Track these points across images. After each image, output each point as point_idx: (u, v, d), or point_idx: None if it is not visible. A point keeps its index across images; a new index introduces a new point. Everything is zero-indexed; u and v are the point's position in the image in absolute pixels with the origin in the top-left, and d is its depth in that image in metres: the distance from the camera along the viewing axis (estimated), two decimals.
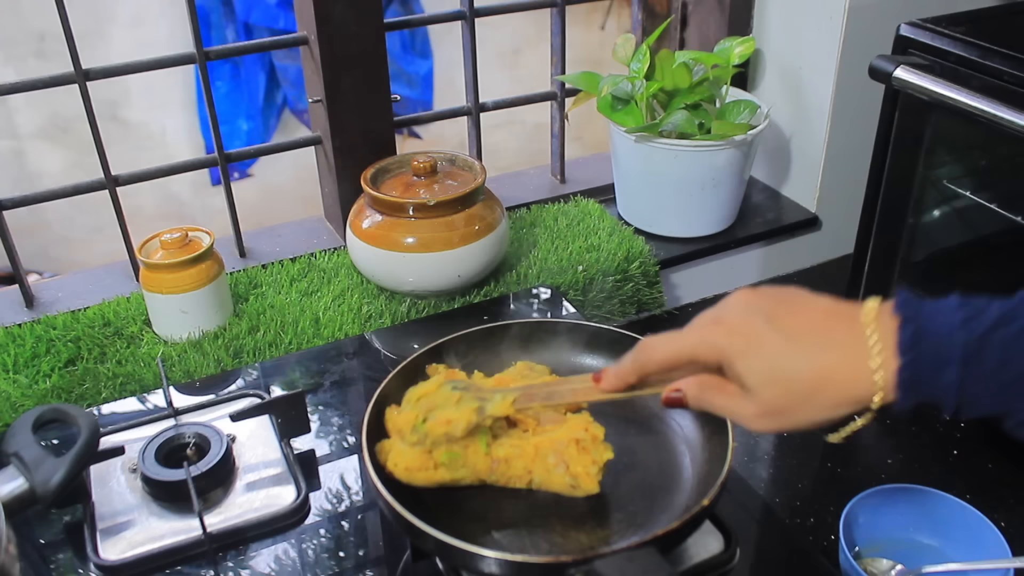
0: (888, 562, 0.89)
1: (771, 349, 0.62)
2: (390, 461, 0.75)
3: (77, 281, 1.26)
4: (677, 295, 1.41)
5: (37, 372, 1.05)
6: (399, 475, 0.75)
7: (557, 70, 1.41)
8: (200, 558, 0.81)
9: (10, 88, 1.08)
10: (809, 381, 0.61)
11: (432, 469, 0.75)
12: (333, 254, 1.28)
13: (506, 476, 0.76)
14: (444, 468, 0.75)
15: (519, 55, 3.95)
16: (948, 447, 1.07)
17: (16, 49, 3.29)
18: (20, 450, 0.75)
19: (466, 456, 0.75)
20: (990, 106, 0.93)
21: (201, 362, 1.07)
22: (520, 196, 1.45)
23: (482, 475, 0.76)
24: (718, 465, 0.73)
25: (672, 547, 0.71)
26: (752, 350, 0.62)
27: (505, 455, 0.75)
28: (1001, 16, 1.12)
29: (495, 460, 0.75)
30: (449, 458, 0.74)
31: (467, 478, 0.76)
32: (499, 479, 0.76)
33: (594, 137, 2.81)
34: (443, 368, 0.85)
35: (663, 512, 0.74)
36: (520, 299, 1.18)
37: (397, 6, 3.73)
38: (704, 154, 1.26)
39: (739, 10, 1.41)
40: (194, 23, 1.14)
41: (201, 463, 0.87)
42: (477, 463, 0.75)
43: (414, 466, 0.74)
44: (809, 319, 0.63)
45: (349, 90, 1.21)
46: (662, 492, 0.76)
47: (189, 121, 3.55)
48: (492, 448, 0.75)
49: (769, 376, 0.62)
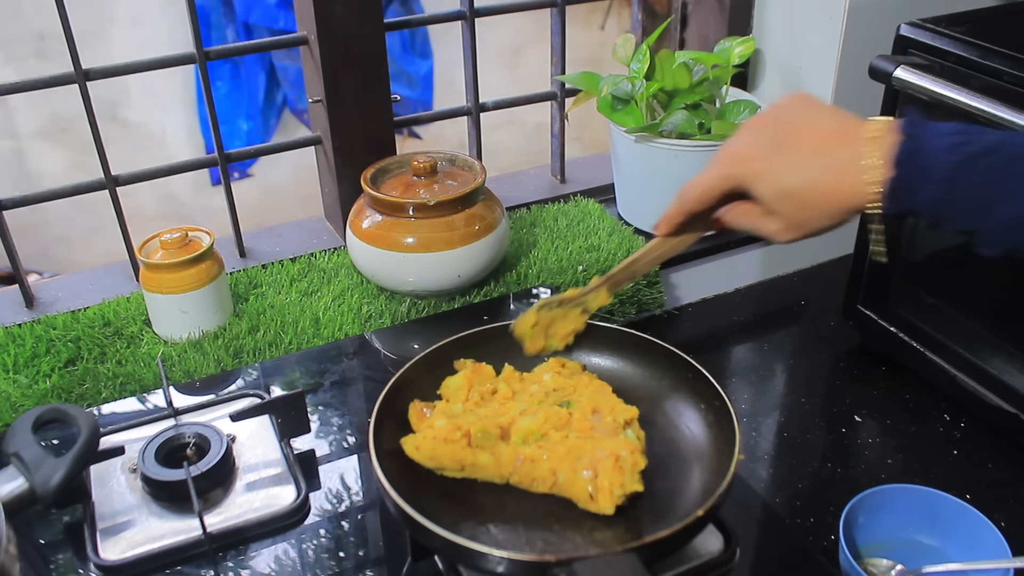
0: (888, 562, 0.89)
1: (781, 172, 0.71)
2: (416, 438, 0.77)
3: (77, 281, 1.26)
4: (677, 295, 1.41)
5: (37, 372, 1.05)
6: (423, 452, 0.76)
7: (557, 70, 1.41)
8: (200, 558, 0.81)
9: (10, 88, 1.08)
10: (816, 195, 0.70)
11: (463, 445, 0.75)
12: (333, 254, 1.28)
13: (530, 476, 0.75)
14: (471, 450, 0.75)
15: (519, 55, 3.95)
16: (948, 447, 1.07)
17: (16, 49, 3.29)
18: (20, 450, 0.75)
19: (497, 444, 0.75)
20: (990, 106, 0.93)
21: (201, 362, 1.07)
22: (520, 196, 1.45)
23: (505, 469, 0.75)
24: (721, 476, 0.73)
25: (665, 554, 0.71)
26: (765, 175, 0.72)
27: (532, 454, 0.75)
28: (1001, 16, 1.12)
29: (521, 457, 0.75)
30: (482, 436, 0.75)
31: (488, 468, 0.76)
32: (521, 479, 0.76)
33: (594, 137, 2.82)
34: (470, 362, 0.86)
35: (662, 519, 0.73)
36: (520, 299, 1.18)
37: (397, 6, 3.74)
38: (704, 154, 1.26)
39: (739, 10, 1.41)
40: (194, 23, 1.14)
41: (201, 463, 0.87)
42: (504, 453, 0.75)
43: (443, 436, 0.75)
44: (814, 139, 0.70)
45: (349, 90, 1.21)
46: (666, 499, 0.76)
47: (189, 121, 3.55)
48: (522, 446, 0.75)
49: (783, 195, 0.71)
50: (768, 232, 0.75)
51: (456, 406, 0.80)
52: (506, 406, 0.80)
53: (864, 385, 1.18)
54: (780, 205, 0.72)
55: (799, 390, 1.19)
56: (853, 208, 0.69)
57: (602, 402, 0.80)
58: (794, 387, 1.19)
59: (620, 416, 0.78)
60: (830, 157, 0.69)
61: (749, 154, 0.73)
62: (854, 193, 0.68)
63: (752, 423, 1.12)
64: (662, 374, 0.87)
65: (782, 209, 0.72)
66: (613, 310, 1.25)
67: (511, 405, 0.80)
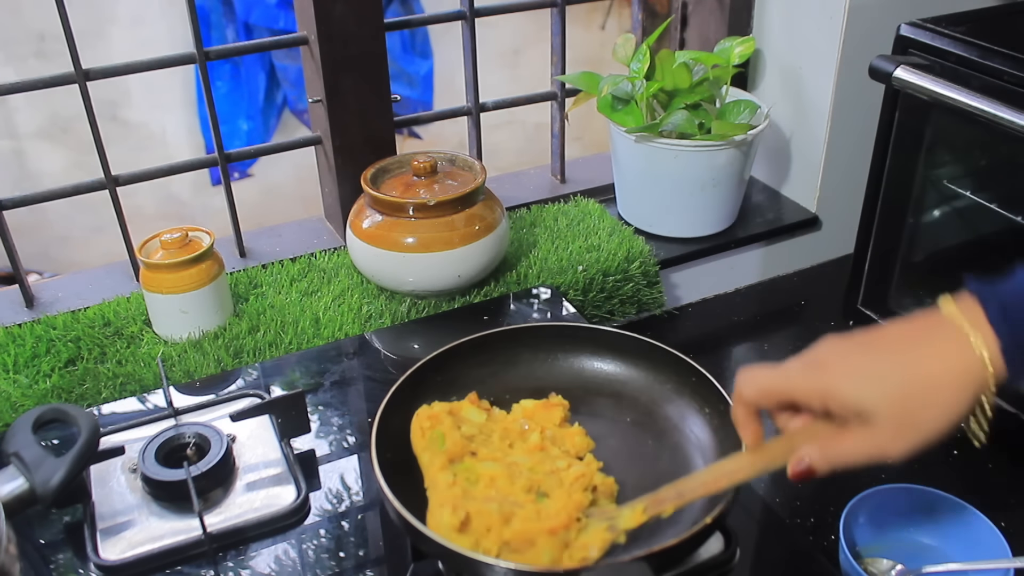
0: (888, 562, 0.89)
1: (874, 367, 0.63)
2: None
3: (77, 281, 1.26)
4: (677, 295, 1.41)
5: (37, 372, 1.05)
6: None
7: (557, 70, 1.41)
8: (200, 558, 0.81)
9: (10, 88, 1.08)
10: (923, 381, 0.61)
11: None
12: (333, 254, 1.28)
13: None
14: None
15: (519, 55, 3.95)
16: (948, 447, 1.07)
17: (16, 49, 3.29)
18: (20, 450, 0.75)
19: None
20: (990, 106, 0.93)
21: (201, 362, 1.07)
22: (520, 196, 1.45)
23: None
24: None
25: (675, 562, 0.71)
26: (856, 374, 0.63)
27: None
28: (1001, 16, 1.12)
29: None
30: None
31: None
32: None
33: (594, 137, 2.81)
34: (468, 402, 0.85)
35: (671, 527, 0.73)
36: (520, 299, 1.18)
37: (397, 6, 3.74)
38: (704, 154, 1.26)
39: (739, 10, 1.41)
40: (194, 23, 1.14)
41: (201, 463, 0.87)
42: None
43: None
44: (898, 333, 0.64)
45: (349, 90, 1.21)
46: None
47: (189, 121, 3.55)
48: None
49: (882, 391, 0.62)
50: (874, 450, 0.63)
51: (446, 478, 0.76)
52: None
53: None
54: (880, 405, 0.61)
55: None
56: (973, 386, 0.62)
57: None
58: None
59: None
60: (927, 338, 0.63)
61: (831, 359, 0.64)
62: (969, 366, 0.61)
63: None
64: (664, 378, 0.87)
65: (884, 411, 0.61)
66: (613, 310, 1.25)
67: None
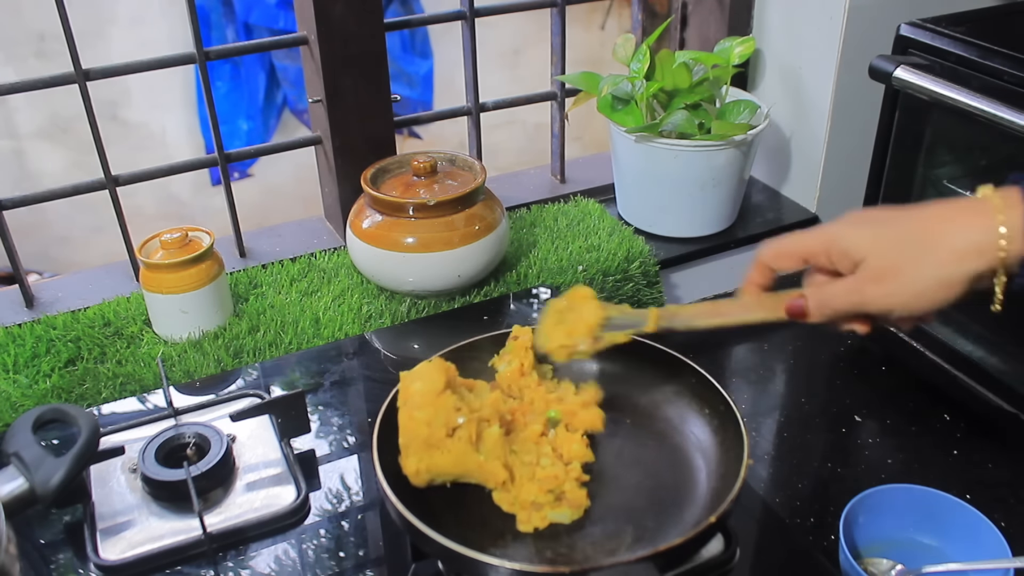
0: (888, 562, 0.89)
1: (880, 217, 0.62)
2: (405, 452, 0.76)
3: (77, 281, 1.26)
4: (677, 295, 1.41)
5: (37, 372, 1.05)
6: (412, 464, 0.75)
7: (557, 70, 1.41)
8: (200, 558, 0.81)
9: (10, 88, 1.08)
10: (922, 235, 0.59)
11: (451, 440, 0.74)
12: (333, 254, 1.28)
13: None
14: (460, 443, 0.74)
15: (519, 55, 3.95)
16: (948, 447, 1.07)
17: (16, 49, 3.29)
18: (20, 450, 0.75)
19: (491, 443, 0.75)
20: (990, 106, 0.93)
21: (201, 362, 1.07)
22: (520, 196, 1.45)
23: (487, 471, 0.76)
24: (731, 480, 0.72)
25: (679, 561, 0.71)
26: (860, 223, 0.63)
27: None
28: (1001, 16, 1.12)
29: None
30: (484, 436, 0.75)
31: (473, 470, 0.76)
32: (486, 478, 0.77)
33: (594, 137, 2.82)
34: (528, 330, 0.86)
35: (674, 527, 0.73)
36: (520, 299, 1.18)
37: (397, 6, 3.73)
38: (704, 154, 1.26)
39: (739, 10, 1.41)
40: (194, 23, 1.14)
41: (201, 463, 0.87)
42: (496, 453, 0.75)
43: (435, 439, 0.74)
44: (928, 205, 0.62)
45: (349, 90, 1.21)
46: (675, 506, 0.76)
47: (189, 121, 3.55)
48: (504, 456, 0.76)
49: (876, 235, 0.60)
50: (859, 292, 0.63)
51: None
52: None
53: (864, 385, 1.18)
54: (872, 249, 0.60)
55: (799, 390, 1.19)
56: (977, 247, 0.60)
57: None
58: (794, 387, 1.19)
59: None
60: (946, 204, 0.61)
61: (843, 220, 0.65)
62: (980, 225, 0.59)
63: (752, 423, 1.12)
64: (665, 379, 0.87)
65: (874, 255, 0.60)
66: None
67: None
